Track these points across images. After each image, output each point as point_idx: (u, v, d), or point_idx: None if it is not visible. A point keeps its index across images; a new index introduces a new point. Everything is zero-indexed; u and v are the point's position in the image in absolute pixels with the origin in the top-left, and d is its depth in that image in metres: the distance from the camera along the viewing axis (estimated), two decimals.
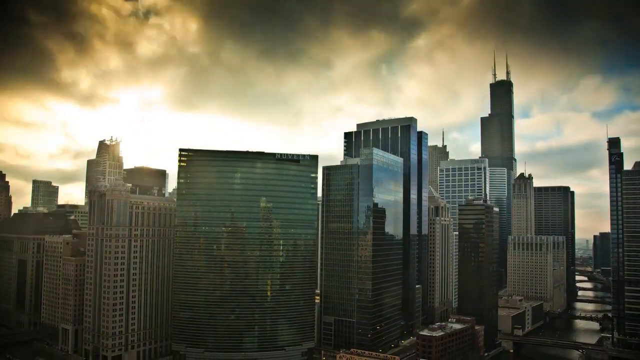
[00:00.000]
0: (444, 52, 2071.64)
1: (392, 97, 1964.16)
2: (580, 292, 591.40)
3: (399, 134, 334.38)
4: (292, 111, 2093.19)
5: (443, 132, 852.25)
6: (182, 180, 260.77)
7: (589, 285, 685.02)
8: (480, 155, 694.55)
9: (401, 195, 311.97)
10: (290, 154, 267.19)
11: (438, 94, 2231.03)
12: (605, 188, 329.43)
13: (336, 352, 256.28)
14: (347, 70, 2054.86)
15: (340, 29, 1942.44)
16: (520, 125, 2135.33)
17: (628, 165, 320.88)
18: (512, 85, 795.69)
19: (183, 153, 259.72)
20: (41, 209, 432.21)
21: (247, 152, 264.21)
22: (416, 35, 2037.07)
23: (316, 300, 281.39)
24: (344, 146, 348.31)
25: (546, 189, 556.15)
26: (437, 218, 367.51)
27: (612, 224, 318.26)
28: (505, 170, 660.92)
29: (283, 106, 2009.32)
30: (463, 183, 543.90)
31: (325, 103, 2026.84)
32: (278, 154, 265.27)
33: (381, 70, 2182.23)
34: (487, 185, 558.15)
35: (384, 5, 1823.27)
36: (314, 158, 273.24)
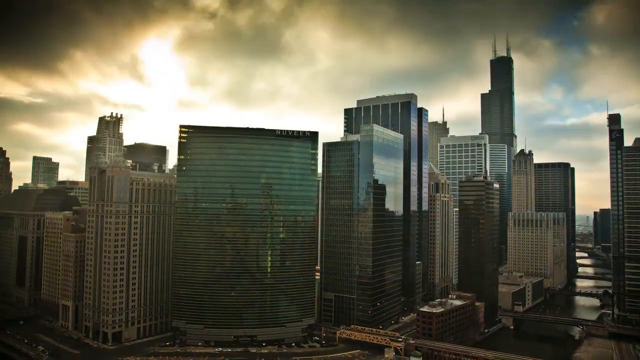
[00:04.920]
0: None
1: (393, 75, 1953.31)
2: (580, 269, 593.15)
3: (399, 111, 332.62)
4: None
5: (443, 109, 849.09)
6: (182, 157, 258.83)
7: (589, 261, 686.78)
8: (480, 132, 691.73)
9: (401, 171, 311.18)
10: (290, 131, 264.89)
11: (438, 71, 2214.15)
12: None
13: (336, 329, 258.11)
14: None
15: None
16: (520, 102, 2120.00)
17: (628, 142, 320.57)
18: (512, 62, 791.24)
19: (183, 129, 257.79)
20: (41, 185, 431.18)
21: (247, 129, 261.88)
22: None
23: (316, 277, 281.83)
24: (344, 122, 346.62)
25: (546, 165, 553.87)
26: (438, 194, 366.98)
27: (612, 201, 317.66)
28: (505, 147, 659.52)
29: None
30: (463, 159, 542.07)
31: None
32: (278, 130, 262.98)
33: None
34: (487, 162, 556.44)
35: None
36: (314, 134, 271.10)
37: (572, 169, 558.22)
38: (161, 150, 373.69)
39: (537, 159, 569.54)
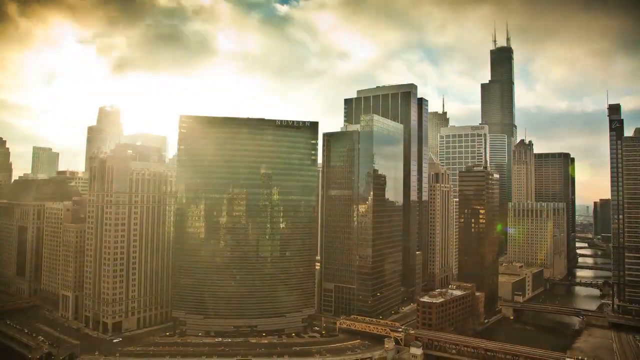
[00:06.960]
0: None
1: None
2: (580, 259, 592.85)
3: (400, 101, 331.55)
4: None
5: (443, 99, 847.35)
6: (182, 147, 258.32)
7: (589, 251, 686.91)
8: (480, 122, 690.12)
9: (401, 161, 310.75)
10: (290, 121, 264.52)
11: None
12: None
13: (336, 319, 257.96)
14: None
15: None
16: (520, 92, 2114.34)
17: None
18: (512, 52, 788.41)
19: (183, 119, 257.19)
20: (41, 175, 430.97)
21: (248, 119, 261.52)
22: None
23: (316, 267, 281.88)
24: (344, 113, 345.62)
25: (546, 155, 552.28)
26: (438, 184, 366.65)
27: (612, 191, 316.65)
28: (505, 137, 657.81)
29: None
30: (463, 149, 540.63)
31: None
32: (278, 120, 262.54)
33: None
34: (488, 152, 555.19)
35: None
36: (315, 124, 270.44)
37: (572, 159, 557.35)
38: (161, 140, 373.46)
39: (537, 149, 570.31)
